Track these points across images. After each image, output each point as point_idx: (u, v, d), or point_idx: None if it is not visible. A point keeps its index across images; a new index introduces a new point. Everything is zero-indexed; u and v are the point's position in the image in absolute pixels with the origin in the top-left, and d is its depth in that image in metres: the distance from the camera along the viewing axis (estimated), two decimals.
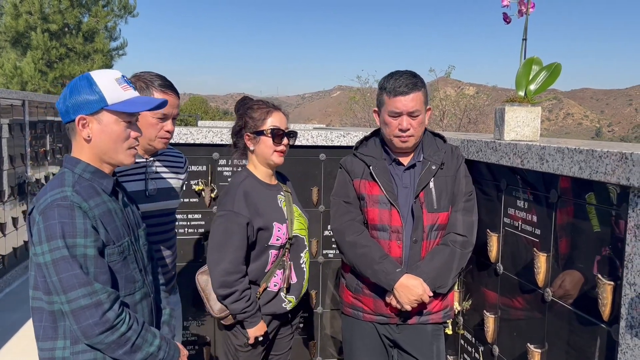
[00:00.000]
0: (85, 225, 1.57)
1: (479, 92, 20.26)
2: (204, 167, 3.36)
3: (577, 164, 1.83)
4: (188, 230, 3.36)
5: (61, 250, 1.53)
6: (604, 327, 1.76)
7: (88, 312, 1.55)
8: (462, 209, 2.37)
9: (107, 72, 1.71)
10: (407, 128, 2.27)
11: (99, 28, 18.30)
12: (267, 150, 2.33)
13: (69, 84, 1.71)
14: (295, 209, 2.45)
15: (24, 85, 16.41)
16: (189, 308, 3.25)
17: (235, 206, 2.26)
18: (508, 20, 2.50)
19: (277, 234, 2.31)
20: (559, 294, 2.00)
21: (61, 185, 1.62)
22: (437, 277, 2.30)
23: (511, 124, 2.38)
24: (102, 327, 1.56)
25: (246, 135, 2.36)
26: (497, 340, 2.46)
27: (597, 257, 1.80)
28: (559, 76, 2.38)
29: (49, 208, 1.56)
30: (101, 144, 1.68)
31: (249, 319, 2.28)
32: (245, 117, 2.36)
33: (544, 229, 2.10)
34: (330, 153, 3.47)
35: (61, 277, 1.54)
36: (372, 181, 2.36)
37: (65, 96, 1.67)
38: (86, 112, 1.65)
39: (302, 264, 2.45)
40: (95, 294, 1.56)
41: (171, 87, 2.21)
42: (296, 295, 2.42)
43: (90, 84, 1.65)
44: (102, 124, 1.67)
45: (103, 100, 1.65)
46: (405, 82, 2.26)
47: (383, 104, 2.33)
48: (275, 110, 2.36)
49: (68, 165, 1.69)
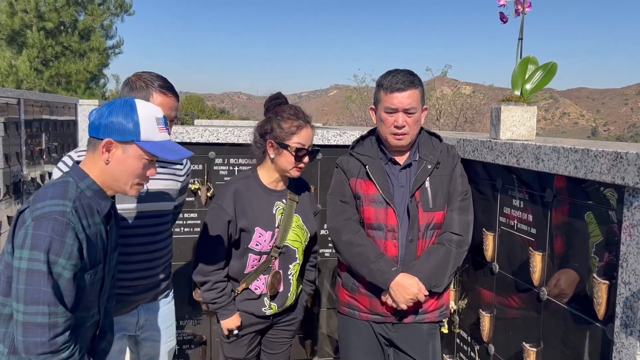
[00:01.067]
0: (72, 247, 1.55)
1: (476, 92, 20.31)
2: (200, 166, 3.35)
3: (572, 164, 1.83)
4: (184, 229, 3.35)
5: (40, 264, 1.51)
6: (599, 326, 1.77)
7: (40, 330, 1.52)
8: (458, 208, 2.37)
9: (150, 107, 1.71)
10: (403, 125, 2.28)
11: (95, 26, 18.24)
12: (287, 165, 2.33)
13: (112, 101, 1.70)
14: (296, 219, 2.43)
15: (19, 84, 16.35)
16: (185, 307, 3.25)
17: (224, 202, 2.31)
18: (505, 20, 2.50)
19: (257, 239, 2.32)
20: (554, 293, 2.01)
21: (64, 197, 1.60)
22: (432, 276, 2.30)
23: (507, 124, 2.38)
24: (47, 349, 1.54)
25: (269, 142, 2.34)
26: (493, 339, 2.47)
27: (592, 256, 1.81)
28: (554, 75, 2.38)
29: (45, 218, 1.53)
30: (116, 171, 1.68)
31: (220, 311, 2.35)
32: (273, 122, 2.34)
33: (540, 228, 2.10)
34: (327, 152, 3.46)
35: (29, 288, 1.51)
36: (368, 180, 2.36)
37: (103, 114, 1.66)
38: (117, 138, 1.65)
39: (290, 276, 2.45)
40: (54, 315, 1.53)
41: (171, 88, 2.19)
42: (279, 304, 2.44)
43: (133, 113, 1.65)
44: (126, 154, 1.67)
45: (138, 134, 1.65)
46: (402, 79, 2.27)
47: (380, 100, 2.34)
48: (304, 125, 2.33)
49: (74, 176, 1.67)
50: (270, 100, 2.44)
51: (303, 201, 2.50)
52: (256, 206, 2.34)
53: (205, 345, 3.41)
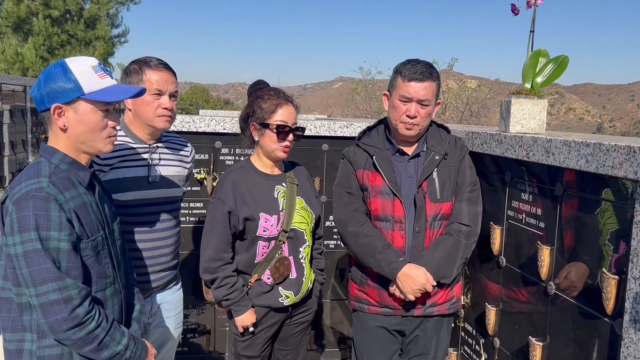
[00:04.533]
0: (60, 218, 1.53)
1: (481, 86, 20.20)
2: (206, 156, 3.34)
3: (583, 157, 1.81)
4: (190, 218, 3.35)
5: (34, 243, 1.49)
6: (608, 321, 1.76)
7: (57, 307, 1.52)
8: (466, 200, 2.35)
9: (82, 60, 1.66)
10: (415, 115, 2.26)
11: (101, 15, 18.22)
12: (271, 145, 2.29)
13: (43, 70, 1.66)
14: (299, 201, 2.39)
15: (25, 72, 16.36)
16: (189, 296, 3.25)
17: (222, 194, 2.27)
18: (516, 11, 2.47)
19: (264, 225, 2.28)
20: (562, 287, 2.00)
21: (37, 175, 1.58)
22: (440, 267, 2.29)
23: (517, 116, 2.36)
24: (71, 323, 1.53)
25: (252, 125, 2.32)
26: (499, 333, 2.46)
27: (601, 251, 1.79)
28: (566, 69, 2.36)
29: (24, 199, 1.52)
30: (78, 133, 1.64)
31: (234, 307, 2.29)
32: (254, 104, 2.31)
33: (549, 222, 2.09)
34: (333, 144, 3.45)
35: (32, 269, 1.50)
36: (375, 172, 2.35)
37: (40, 83, 1.62)
38: (62, 100, 1.61)
39: (302, 259, 2.38)
40: (65, 289, 1.52)
41: (164, 64, 2.17)
42: (295, 291, 2.36)
43: (66, 72, 1.60)
44: (78, 113, 1.63)
45: (79, 89, 1.61)
46: (421, 69, 2.26)
47: (395, 87, 2.32)
48: (285, 103, 2.29)
49: (45, 155, 1.65)
50: (252, 86, 2.42)
51: (303, 184, 2.47)
52: (257, 192, 2.30)
53: (209, 334, 3.42)
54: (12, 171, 6.04)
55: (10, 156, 6.05)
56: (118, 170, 2.13)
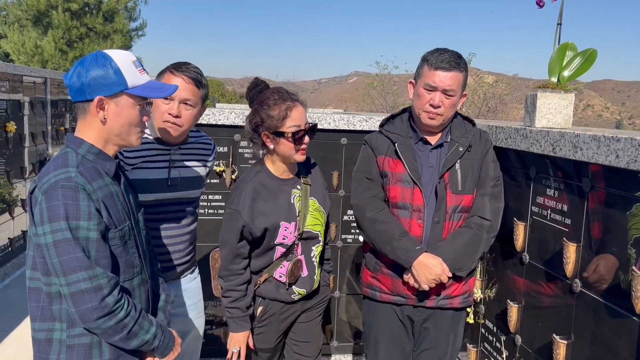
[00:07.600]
0: (89, 207, 1.53)
1: (498, 81, 19.99)
2: (225, 149, 3.34)
3: (613, 153, 1.77)
4: (208, 210, 3.36)
5: (64, 232, 1.50)
6: (636, 319, 1.72)
7: (87, 296, 1.52)
8: (489, 194, 2.31)
9: (124, 53, 1.65)
10: (439, 105, 2.22)
11: (119, 8, 18.33)
12: (289, 152, 2.21)
13: (81, 60, 1.64)
14: (312, 202, 2.35)
15: (44, 64, 16.55)
16: (205, 288, 3.25)
17: (240, 205, 2.20)
18: (541, 4, 2.42)
19: (284, 233, 2.24)
20: (590, 284, 1.96)
21: (65, 165, 1.58)
22: (457, 259, 2.25)
23: (543, 111, 2.32)
24: (101, 312, 1.54)
25: (264, 135, 2.21)
26: (520, 330, 2.43)
27: (632, 249, 1.75)
28: (594, 62, 2.31)
29: (53, 188, 1.52)
30: (115, 126, 1.64)
31: (230, 322, 2.26)
32: (261, 113, 2.20)
33: (575, 218, 2.05)
34: (352, 137, 3.43)
35: (62, 259, 1.50)
36: (397, 159, 2.32)
37: (80, 73, 1.60)
38: (106, 93, 1.60)
39: (313, 258, 2.37)
40: (95, 278, 1.53)
41: (181, 69, 2.11)
42: (307, 288, 2.35)
43: (111, 64, 1.59)
44: (119, 106, 1.62)
45: (124, 83, 1.60)
46: (449, 59, 2.21)
47: (421, 75, 2.28)
48: (293, 105, 2.18)
49: (71, 145, 1.64)
50: (250, 90, 2.31)
51: (315, 181, 2.41)
52: (277, 202, 2.25)
53: (226, 326, 3.42)
54: (32, 162, 6.11)
55: (31, 147, 6.11)
56: (140, 171, 2.13)
